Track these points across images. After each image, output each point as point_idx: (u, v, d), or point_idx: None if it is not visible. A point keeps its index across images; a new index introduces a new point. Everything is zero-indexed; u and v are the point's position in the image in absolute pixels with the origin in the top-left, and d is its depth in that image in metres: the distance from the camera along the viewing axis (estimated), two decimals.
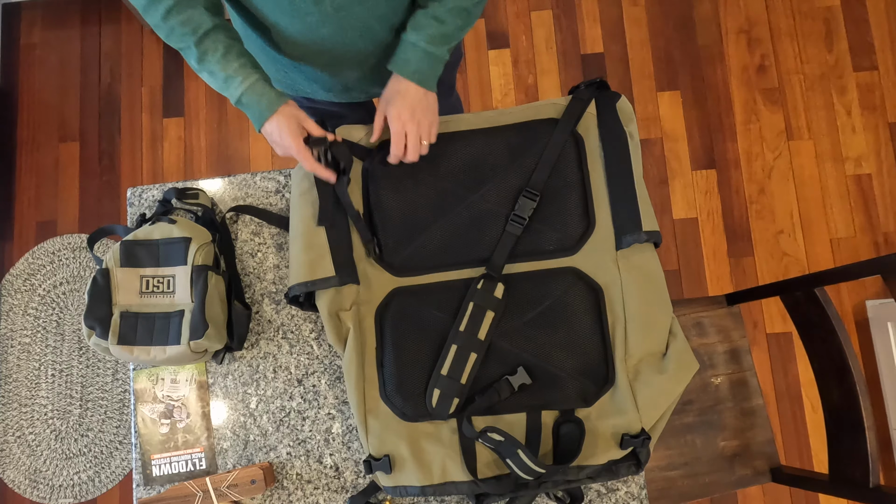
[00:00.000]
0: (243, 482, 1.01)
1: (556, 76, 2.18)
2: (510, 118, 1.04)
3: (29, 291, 2.09)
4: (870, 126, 2.08)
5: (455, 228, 1.00)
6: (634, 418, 0.92)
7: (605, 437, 0.92)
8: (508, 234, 0.98)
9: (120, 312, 1.02)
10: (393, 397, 0.95)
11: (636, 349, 0.95)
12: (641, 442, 0.91)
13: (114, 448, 1.99)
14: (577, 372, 0.94)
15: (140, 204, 1.17)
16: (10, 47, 2.28)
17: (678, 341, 0.96)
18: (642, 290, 0.96)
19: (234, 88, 0.93)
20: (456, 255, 0.99)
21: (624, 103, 1.03)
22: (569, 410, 0.94)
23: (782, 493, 1.89)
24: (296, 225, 1.01)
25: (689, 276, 2.03)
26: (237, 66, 0.92)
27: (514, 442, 0.87)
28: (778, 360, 1.97)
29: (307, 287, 0.96)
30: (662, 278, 0.97)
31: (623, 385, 0.93)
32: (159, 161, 2.18)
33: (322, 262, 0.97)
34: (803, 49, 2.15)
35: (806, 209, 2.05)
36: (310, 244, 0.98)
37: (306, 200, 1.01)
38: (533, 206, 0.98)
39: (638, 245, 0.97)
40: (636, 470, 0.93)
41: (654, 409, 0.93)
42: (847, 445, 1.15)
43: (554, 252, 0.98)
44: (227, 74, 0.92)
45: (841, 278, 1.12)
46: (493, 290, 0.96)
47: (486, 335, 0.95)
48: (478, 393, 0.95)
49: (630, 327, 0.95)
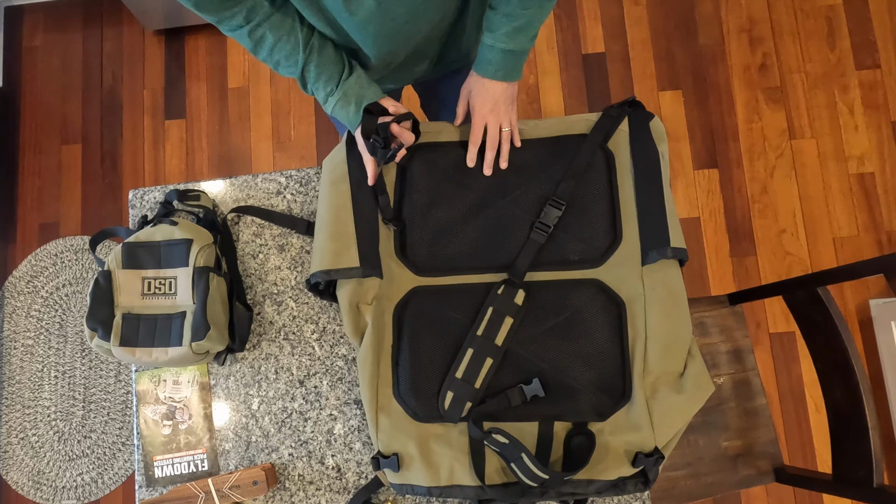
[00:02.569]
0: (245, 483, 1.01)
1: (558, 76, 2.17)
2: (543, 132, 1.05)
3: (32, 293, 2.10)
4: (872, 124, 2.08)
5: (480, 233, 1.00)
6: (649, 436, 0.91)
7: (617, 453, 0.91)
8: (532, 241, 0.98)
9: (122, 314, 1.02)
10: (406, 397, 0.95)
11: (655, 366, 0.93)
12: (654, 461, 0.90)
13: (116, 449, 1.99)
14: (593, 385, 0.94)
15: (142, 206, 1.17)
16: (12, 50, 2.29)
17: (696, 362, 0.95)
18: (665, 308, 0.95)
19: (328, 106, 1.01)
20: (479, 259, 0.99)
21: (657, 123, 1.04)
22: (582, 423, 0.93)
23: (786, 493, 1.88)
24: (323, 214, 1.01)
25: (692, 275, 2.03)
26: (325, 93, 0.99)
27: (519, 445, 0.87)
28: (781, 360, 1.96)
29: (329, 275, 0.97)
30: (685, 297, 0.96)
31: (639, 401, 0.92)
32: (161, 163, 2.19)
33: (347, 252, 0.97)
34: (805, 48, 2.14)
35: (809, 208, 2.04)
36: (337, 233, 0.98)
37: (338, 190, 1.01)
38: (558, 214, 0.98)
39: (664, 262, 0.96)
40: (643, 487, 0.92)
41: (670, 427, 0.92)
42: (850, 445, 1.15)
43: (578, 263, 0.98)
44: (324, 94, 1.00)
45: (844, 277, 1.12)
46: (513, 297, 0.96)
47: (503, 341, 0.94)
48: (490, 397, 0.94)
49: (650, 344, 0.94)
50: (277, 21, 0.92)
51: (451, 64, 1.18)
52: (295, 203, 1.16)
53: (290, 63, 0.95)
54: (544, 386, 0.94)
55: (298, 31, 0.93)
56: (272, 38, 0.92)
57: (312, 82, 0.97)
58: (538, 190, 1.01)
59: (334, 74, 0.97)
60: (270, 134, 2.19)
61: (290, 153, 2.17)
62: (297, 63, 0.95)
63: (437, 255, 1.00)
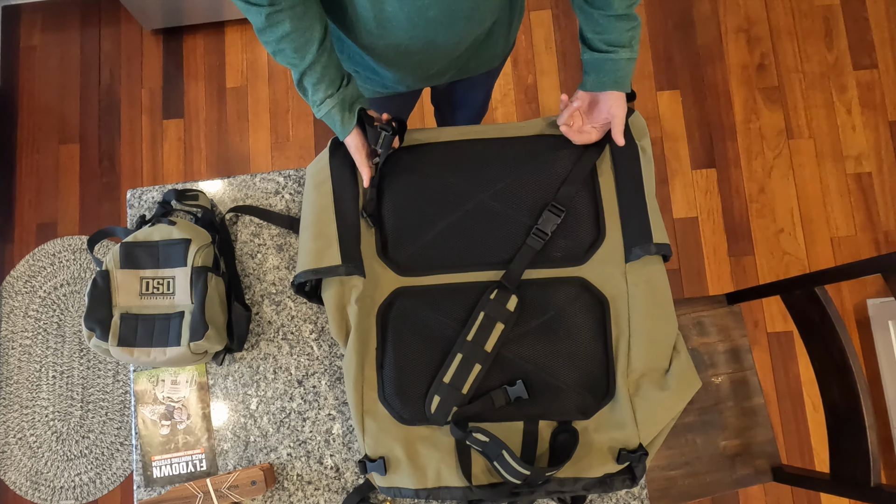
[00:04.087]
0: (244, 483, 1.01)
1: (556, 76, 2.18)
2: (521, 131, 1.05)
3: (30, 293, 2.09)
4: (870, 124, 2.08)
5: (461, 229, 0.99)
6: (633, 433, 0.92)
7: (601, 451, 0.92)
8: (528, 247, 0.97)
9: (120, 314, 1.02)
10: (391, 400, 0.95)
11: (639, 364, 0.94)
12: (638, 458, 0.91)
13: (115, 449, 1.99)
14: (577, 384, 0.94)
15: (140, 205, 1.17)
16: (10, 49, 2.28)
17: (681, 358, 0.95)
18: (649, 305, 0.95)
19: (323, 108, 0.99)
20: (462, 257, 0.99)
21: (637, 118, 1.04)
22: (566, 421, 0.94)
23: (783, 493, 1.88)
24: (307, 215, 1.02)
25: (690, 275, 2.03)
26: (323, 95, 0.97)
27: (499, 443, 0.87)
28: (779, 359, 1.96)
29: (313, 274, 0.97)
30: (669, 293, 0.96)
31: (623, 399, 0.93)
32: (159, 162, 2.18)
33: (329, 251, 0.97)
34: (803, 48, 2.14)
35: (806, 208, 2.04)
36: (319, 233, 0.98)
37: (320, 192, 1.01)
38: (557, 221, 0.98)
39: (647, 258, 0.97)
40: (630, 484, 0.92)
41: (653, 424, 0.92)
42: (848, 444, 1.15)
43: (561, 261, 0.98)
44: (322, 96, 0.98)
45: (842, 277, 1.12)
46: (505, 303, 0.95)
47: (493, 347, 0.94)
48: (474, 397, 0.94)
49: (634, 341, 0.94)
50: (300, 13, 0.90)
51: (473, 70, 1.18)
52: (293, 203, 1.16)
53: (296, 56, 0.93)
54: (528, 387, 0.94)
55: (317, 29, 0.92)
56: (289, 26, 0.90)
57: (313, 83, 0.96)
58: (525, 185, 1.00)
59: (336, 79, 0.97)
60: (269, 134, 2.19)
61: (289, 153, 2.17)
62: (305, 59, 0.93)
63: (418, 254, 0.99)
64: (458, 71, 1.16)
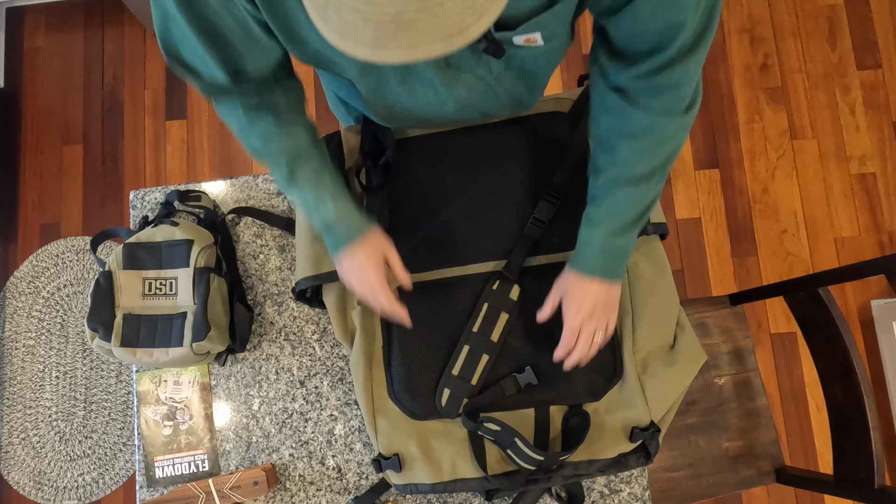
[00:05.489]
0: (246, 484, 1.01)
1: (559, 75, 2.17)
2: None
3: (33, 294, 2.10)
4: (874, 125, 2.07)
5: (458, 224, 0.99)
6: (643, 411, 0.92)
7: (614, 431, 0.92)
8: (527, 237, 0.97)
9: (123, 315, 1.02)
10: (401, 396, 0.95)
11: (644, 342, 0.94)
12: (651, 434, 0.91)
13: (118, 450, 1.99)
14: (585, 367, 0.94)
15: (143, 206, 1.17)
16: (13, 51, 2.29)
17: (686, 333, 0.96)
18: (649, 283, 0.96)
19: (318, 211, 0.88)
20: (462, 250, 0.98)
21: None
22: (577, 405, 0.94)
23: (787, 494, 1.88)
24: (302, 221, 1.01)
25: (693, 276, 2.02)
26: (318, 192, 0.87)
27: (511, 431, 0.87)
28: (782, 361, 1.96)
29: (313, 281, 0.96)
30: (669, 270, 0.97)
31: (631, 378, 0.93)
32: (162, 163, 2.19)
33: (328, 257, 0.97)
34: (806, 48, 2.14)
35: (810, 208, 2.04)
36: (317, 238, 0.98)
37: None
38: (554, 210, 0.97)
39: (644, 237, 0.97)
40: (645, 461, 0.93)
41: (663, 400, 0.93)
42: (852, 446, 1.15)
43: (560, 245, 0.98)
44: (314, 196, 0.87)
45: (845, 278, 1.12)
46: (508, 292, 0.95)
47: (499, 337, 0.94)
48: (484, 387, 0.94)
49: (638, 320, 0.95)
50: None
51: None
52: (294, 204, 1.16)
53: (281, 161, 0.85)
54: (537, 373, 0.94)
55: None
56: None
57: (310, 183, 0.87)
58: (518, 174, 0.99)
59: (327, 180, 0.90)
60: None
61: None
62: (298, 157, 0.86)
63: (417, 251, 0.99)
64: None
